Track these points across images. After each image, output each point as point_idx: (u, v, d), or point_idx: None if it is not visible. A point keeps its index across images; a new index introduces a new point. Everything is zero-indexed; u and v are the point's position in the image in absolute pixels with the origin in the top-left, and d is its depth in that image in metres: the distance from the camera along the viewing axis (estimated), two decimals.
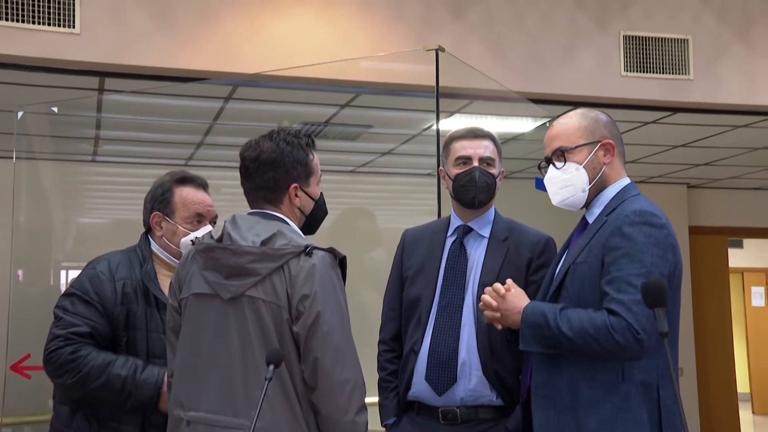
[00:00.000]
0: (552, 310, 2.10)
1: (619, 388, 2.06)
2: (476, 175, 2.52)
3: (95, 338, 2.43)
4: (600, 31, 4.69)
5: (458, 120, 4.85)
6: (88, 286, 2.47)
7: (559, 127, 2.29)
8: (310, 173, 2.20)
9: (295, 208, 2.18)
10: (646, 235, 2.06)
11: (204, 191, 2.64)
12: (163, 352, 2.39)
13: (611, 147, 2.25)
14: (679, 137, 5.73)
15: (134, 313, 2.45)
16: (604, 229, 2.13)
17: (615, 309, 2.01)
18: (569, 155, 2.22)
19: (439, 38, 4.07)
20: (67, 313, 2.45)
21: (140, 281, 2.50)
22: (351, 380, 2.01)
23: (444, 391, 2.43)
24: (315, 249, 2.04)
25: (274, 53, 4.13)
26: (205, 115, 4.86)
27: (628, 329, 1.98)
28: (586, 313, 2.05)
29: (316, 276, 2.00)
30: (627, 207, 2.14)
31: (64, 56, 3.83)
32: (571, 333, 2.04)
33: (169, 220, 2.58)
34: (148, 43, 3.97)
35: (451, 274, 2.54)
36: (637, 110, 4.89)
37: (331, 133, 5.16)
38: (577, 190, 2.22)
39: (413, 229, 2.76)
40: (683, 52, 4.73)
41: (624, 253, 2.05)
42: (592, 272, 2.10)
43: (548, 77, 4.59)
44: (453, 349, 2.45)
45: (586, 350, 2.05)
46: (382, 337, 2.68)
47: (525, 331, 2.12)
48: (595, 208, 2.24)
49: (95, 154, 5.43)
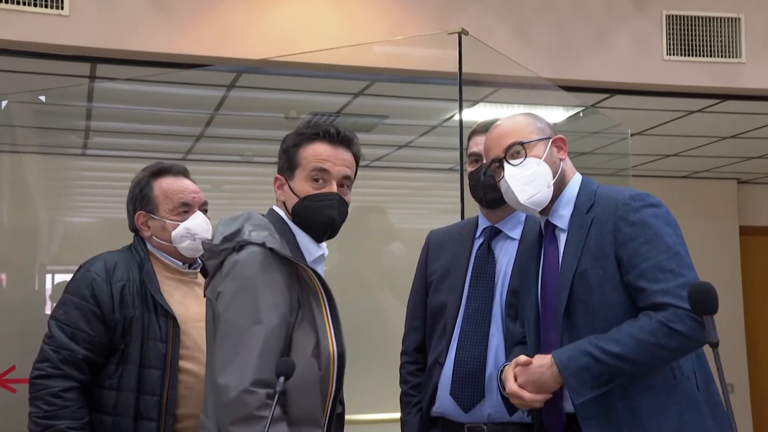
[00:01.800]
0: (589, 344, 2.05)
1: (677, 388, 2.07)
2: (481, 175, 2.53)
3: (90, 362, 2.45)
4: (639, 11, 4.67)
5: (482, 109, 4.84)
6: (84, 290, 2.48)
7: (506, 124, 2.29)
8: (294, 165, 2.17)
9: (280, 203, 2.21)
10: (653, 216, 2.10)
11: (184, 178, 2.66)
12: (157, 362, 2.43)
13: (563, 143, 2.28)
14: (728, 127, 5.70)
15: (131, 318, 2.46)
16: (598, 226, 2.13)
17: (662, 301, 2.00)
18: (528, 149, 2.22)
19: (460, 21, 4.06)
20: (61, 326, 2.46)
21: (139, 284, 2.51)
22: (231, 388, 1.92)
23: (471, 408, 2.43)
24: (249, 244, 2.04)
25: (281, 37, 4.15)
26: (205, 104, 4.88)
27: (688, 315, 1.97)
28: (628, 326, 2.03)
29: (232, 272, 2.03)
30: (614, 196, 2.15)
31: (52, 40, 3.86)
32: (630, 352, 2.00)
33: (154, 216, 2.59)
34: (143, 26, 4.00)
35: (478, 280, 2.54)
36: (682, 98, 4.86)
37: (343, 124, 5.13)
38: (542, 185, 2.21)
39: (438, 230, 2.76)
40: (734, 32, 4.70)
41: (643, 241, 2.06)
42: (609, 275, 2.09)
43: (581, 62, 4.57)
44: (480, 362, 2.44)
45: (652, 363, 2.03)
46: (405, 347, 2.68)
47: (572, 382, 2.05)
48: (561, 209, 2.23)
49: (85, 146, 5.46)
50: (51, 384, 2.42)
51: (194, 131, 5.33)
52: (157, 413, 2.43)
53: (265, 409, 1.88)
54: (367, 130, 5.36)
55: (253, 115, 5.09)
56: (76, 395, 2.43)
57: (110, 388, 2.45)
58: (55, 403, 2.41)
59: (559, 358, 2.07)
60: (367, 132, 5.40)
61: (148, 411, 2.43)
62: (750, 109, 5.16)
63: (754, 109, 5.16)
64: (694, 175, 7.11)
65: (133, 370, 2.44)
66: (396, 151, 5.83)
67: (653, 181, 6.85)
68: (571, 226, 2.21)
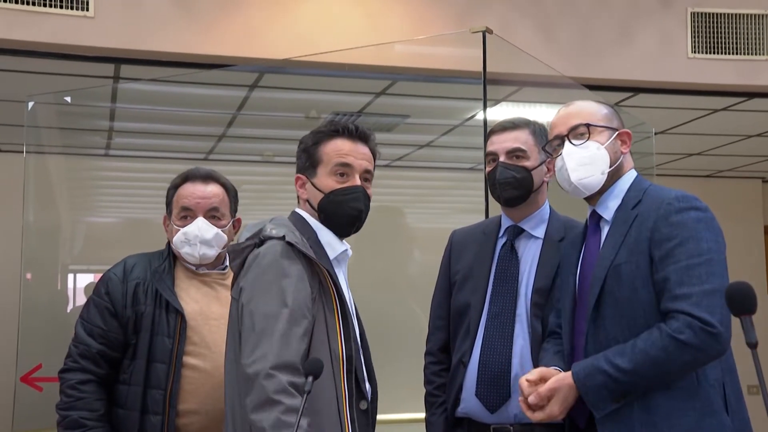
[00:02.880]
0: (605, 361, 2.06)
1: (699, 392, 2.05)
2: (497, 172, 2.53)
3: (105, 357, 2.58)
4: (663, 8, 4.65)
5: (505, 109, 4.82)
6: (101, 288, 2.64)
7: (578, 105, 2.32)
8: (316, 163, 2.21)
9: (304, 202, 2.24)
10: (696, 219, 2.07)
11: (202, 183, 2.70)
12: (163, 356, 2.53)
13: (628, 138, 2.29)
14: (753, 126, 5.65)
15: (141, 314, 2.58)
16: (640, 222, 2.13)
17: (678, 307, 1.99)
18: (592, 132, 2.24)
19: (483, 19, 4.06)
20: (84, 323, 2.62)
21: (151, 281, 2.62)
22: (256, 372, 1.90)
23: (497, 409, 2.43)
24: (270, 239, 2.08)
25: (302, 37, 4.17)
26: (227, 104, 4.90)
27: (700, 328, 1.96)
28: (641, 341, 2.03)
29: (254, 266, 2.06)
30: (661, 195, 2.15)
31: (77, 41, 3.90)
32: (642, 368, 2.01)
33: (169, 221, 2.71)
34: (166, 27, 4.03)
35: (502, 279, 2.54)
36: (707, 96, 4.83)
37: (364, 124, 5.12)
38: (596, 170, 2.22)
39: (462, 229, 2.76)
40: (760, 29, 4.66)
41: (678, 243, 2.04)
42: (641, 271, 2.09)
43: (604, 61, 4.56)
44: (505, 362, 2.44)
45: (667, 376, 2.03)
46: (429, 347, 2.68)
47: (591, 398, 2.07)
48: (610, 201, 2.24)
49: (108, 147, 5.51)
50: (70, 377, 2.57)
51: (216, 131, 5.36)
52: (162, 407, 2.52)
53: (283, 394, 1.87)
54: (389, 129, 5.37)
55: (274, 115, 5.11)
56: (93, 388, 2.56)
57: (124, 383, 2.58)
58: (72, 395, 2.55)
59: (578, 376, 2.09)
60: (389, 131, 5.41)
61: (155, 405, 2.53)
62: None
63: None
64: (719, 175, 7.06)
65: (142, 365, 2.56)
66: (417, 150, 5.83)
67: (677, 180, 6.81)
68: (615, 219, 2.21)
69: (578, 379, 2.10)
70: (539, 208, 2.59)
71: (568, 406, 2.15)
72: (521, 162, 2.54)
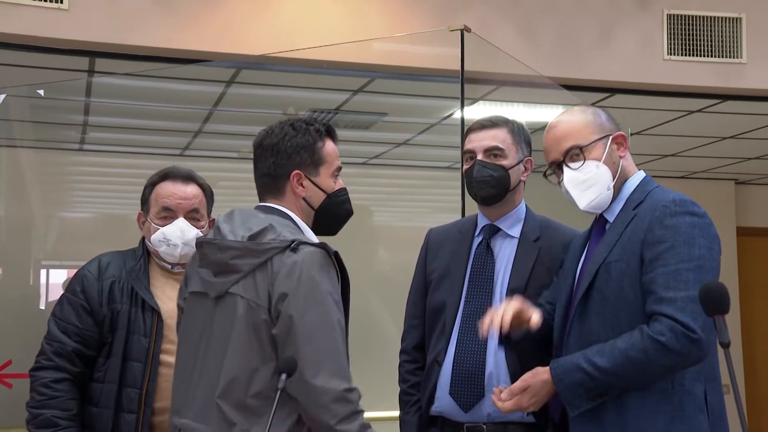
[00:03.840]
0: (584, 359, 2.07)
1: (672, 397, 2.05)
2: (474, 170, 2.53)
3: (80, 355, 2.57)
4: (641, 10, 4.68)
5: (482, 108, 4.84)
6: (76, 286, 2.63)
7: (564, 125, 2.28)
8: (319, 162, 2.21)
9: (299, 199, 2.19)
10: (690, 225, 2.06)
11: (182, 183, 2.70)
12: (139, 355, 2.54)
13: (623, 139, 2.27)
14: (728, 128, 5.70)
15: (118, 312, 2.58)
16: (636, 223, 2.13)
17: (663, 311, 2.00)
18: (586, 152, 2.23)
19: (463, 18, 4.07)
20: (57, 320, 2.61)
21: (126, 280, 2.62)
22: (332, 390, 1.96)
23: (470, 407, 2.44)
24: (302, 244, 2.04)
25: (280, 33, 4.14)
26: (204, 100, 4.87)
27: (682, 332, 1.97)
28: (622, 341, 2.04)
29: (297, 273, 2.00)
30: (660, 197, 2.14)
31: (51, 34, 3.85)
32: (621, 369, 2.02)
33: (147, 218, 2.70)
34: (143, 21, 3.99)
35: (477, 279, 2.54)
36: (682, 98, 4.87)
37: (342, 122, 5.16)
38: (602, 189, 2.22)
39: (438, 228, 2.76)
40: (735, 32, 4.70)
41: (669, 246, 2.04)
42: (630, 270, 2.09)
43: (583, 61, 4.58)
44: (480, 362, 2.45)
45: (644, 378, 2.04)
46: (404, 346, 2.69)
47: (568, 396, 2.09)
48: (614, 204, 2.25)
49: (83, 141, 5.45)
50: (44, 375, 2.56)
51: (192, 127, 5.32)
52: (137, 405, 2.53)
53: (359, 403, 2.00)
54: (366, 127, 5.35)
55: (251, 112, 5.08)
56: (67, 386, 2.55)
57: (98, 381, 2.58)
58: (45, 393, 2.53)
59: (555, 372, 2.11)
60: (366, 129, 5.39)
61: (130, 403, 2.53)
62: (750, 110, 5.17)
63: (755, 110, 5.17)
64: (693, 176, 7.13)
65: (117, 363, 2.55)
66: (395, 148, 5.83)
67: None
68: (616, 219, 2.22)
69: (556, 375, 2.11)
70: (515, 207, 2.60)
71: (539, 401, 2.17)
72: (499, 161, 2.54)
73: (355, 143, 5.68)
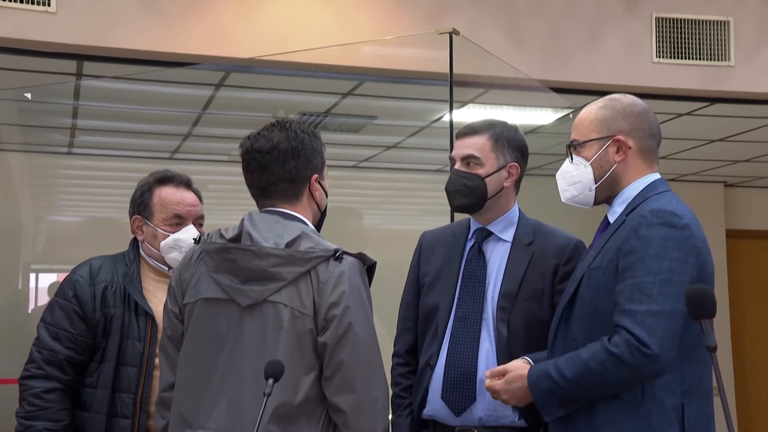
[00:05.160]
0: (554, 367, 2.08)
1: (639, 409, 2.04)
2: (448, 180, 2.54)
3: (72, 362, 2.53)
4: (629, 13, 4.70)
5: (472, 111, 4.85)
6: (67, 290, 2.59)
7: (580, 116, 2.31)
8: (323, 165, 2.23)
9: (313, 203, 2.19)
10: (664, 237, 2.03)
11: (186, 190, 2.71)
12: (134, 360, 2.52)
13: (624, 144, 2.22)
14: (716, 131, 5.73)
15: (111, 316, 2.55)
16: (621, 230, 2.12)
17: (623, 323, 1.99)
18: (580, 149, 2.25)
19: (451, 21, 4.07)
20: (47, 326, 2.56)
21: (120, 284, 2.60)
22: (380, 398, 2.03)
23: (462, 411, 2.43)
24: (345, 254, 2.05)
25: (269, 36, 4.14)
26: (193, 103, 4.86)
27: (636, 347, 1.95)
28: (586, 351, 2.04)
29: (346, 284, 2.01)
30: (646, 206, 2.12)
31: (39, 37, 3.83)
32: (582, 379, 2.03)
33: (149, 223, 2.67)
34: (131, 24, 3.98)
35: (469, 283, 2.54)
36: (671, 101, 4.88)
37: (331, 125, 5.17)
38: (584, 188, 2.24)
39: (432, 231, 2.75)
40: (723, 35, 4.72)
41: (639, 258, 2.02)
42: (606, 278, 2.09)
43: (571, 64, 4.59)
44: (471, 365, 2.44)
45: (605, 389, 2.03)
46: (397, 349, 2.68)
47: (540, 402, 2.11)
48: (617, 206, 2.23)
49: (71, 145, 5.43)
50: (34, 385, 2.52)
51: (181, 130, 5.32)
52: (132, 411, 2.51)
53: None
54: (356, 130, 5.36)
55: (240, 115, 5.07)
56: (58, 396, 2.52)
57: (90, 386, 2.55)
58: (36, 404, 2.49)
59: (530, 378, 2.13)
60: (356, 132, 5.40)
61: (124, 408, 2.51)
62: (738, 113, 5.20)
63: (743, 113, 5.19)
64: (682, 178, 7.15)
65: (110, 368, 2.53)
66: (384, 151, 5.83)
67: None
68: (612, 224, 2.21)
69: (530, 381, 2.14)
70: (507, 211, 2.59)
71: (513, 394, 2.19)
72: (474, 169, 2.53)
73: (344, 146, 5.69)
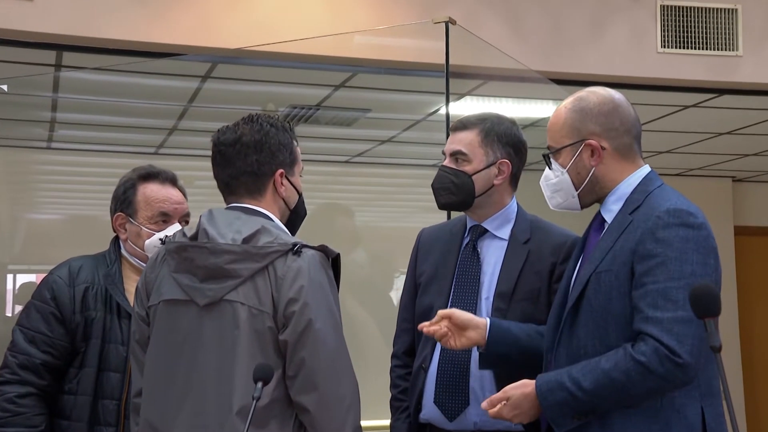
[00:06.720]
0: (568, 377, 2.05)
1: (658, 415, 2.03)
2: (434, 177, 2.54)
3: (48, 367, 2.51)
4: (633, 1, 4.68)
5: (469, 103, 4.84)
6: (45, 292, 2.55)
7: (551, 119, 2.27)
8: (294, 161, 2.23)
9: (279, 199, 2.19)
10: (684, 239, 2.02)
11: (172, 187, 2.69)
12: (117, 365, 2.49)
13: (597, 148, 2.20)
14: (724, 123, 5.73)
15: (92, 319, 2.52)
16: (631, 231, 2.10)
17: (649, 331, 1.97)
18: (556, 156, 2.23)
19: (448, 10, 4.05)
20: (23, 330, 2.54)
21: (102, 286, 2.57)
22: (347, 397, 2.02)
23: (455, 416, 2.42)
24: (304, 247, 2.04)
25: (258, 26, 4.12)
26: (178, 96, 4.85)
27: (666, 356, 1.94)
28: (606, 361, 2.02)
29: (305, 278, 2.01)
30: (657, 204, 2.10)
31: (15, 26, 3.81)
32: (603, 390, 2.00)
33: (132, 221, 2.64)
34: (113, 12, 3.95)
35: (462, 282, 2.53)
36: (676, 92, 4.88)
37: (323, 118, 5.16)
38: (567, 195, 2.23)
39: (429, 228, 2.74)
40: (731, 24, 4.71)
41: (660, 262, 2.00)
42: (619, 282, 2.07)
43: (573, 55, 4.58)
44: (464, 368, 2.44)
45: (627, 400, 2.02)
46: (395, 350, 2.69)
47: (552, 415, 2.07)
48: (612, 204, 2.21)
49: (50, 139, 5.42)
50: (7, 390, 2.49)
51: (167, 124, 5.30)
52: (116, 418, 2.49)
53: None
54: (349, 124, 5.35)
55: (228, 108, 5.06)
56: (33, 401, 2.49)
57: (69, 393, 2.52)
58: (9, 410, 2.47)
59: (540, 390, 2.09)
60: (349, 126, 5.39)
61: (107, 415, 2.49)
62: (747, 105, 5.19)
63: (751, 104, 5.19)
64: (689, 173, 7.16)
65: (92, 374, 2.50)
66: (378, 146, 5.82)
67: None
68: (612, 222, 2.18)
69: (540, 392, 2.09)
70: (502, 208, 2.57)
71: (522, 413, 2.14)
72: (462, 166, 2.52)
73: (337, 141, 5.68)
